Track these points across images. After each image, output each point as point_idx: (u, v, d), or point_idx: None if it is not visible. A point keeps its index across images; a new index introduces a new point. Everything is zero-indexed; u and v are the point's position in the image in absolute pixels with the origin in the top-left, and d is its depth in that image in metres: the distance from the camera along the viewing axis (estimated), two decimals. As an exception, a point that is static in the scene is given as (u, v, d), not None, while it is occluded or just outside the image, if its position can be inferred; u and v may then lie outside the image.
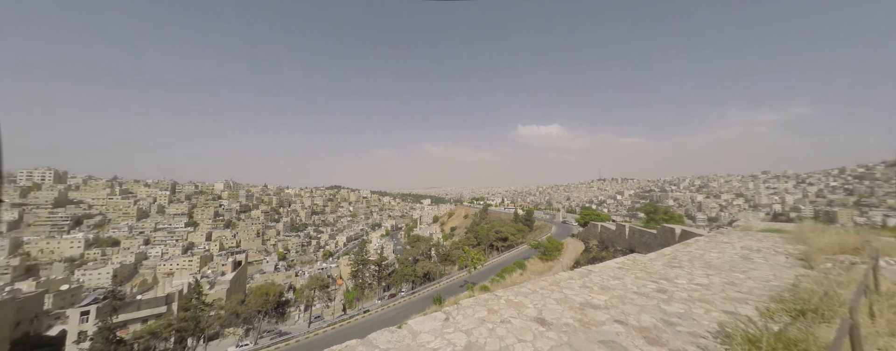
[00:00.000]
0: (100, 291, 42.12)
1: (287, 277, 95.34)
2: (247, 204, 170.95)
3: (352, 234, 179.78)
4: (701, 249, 7.23)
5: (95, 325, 29.97)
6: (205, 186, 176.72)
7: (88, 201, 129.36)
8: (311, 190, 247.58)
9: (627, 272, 5.43)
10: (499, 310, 3.78)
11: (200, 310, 32.54)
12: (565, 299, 4.12)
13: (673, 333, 3.10)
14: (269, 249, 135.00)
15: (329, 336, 30.04)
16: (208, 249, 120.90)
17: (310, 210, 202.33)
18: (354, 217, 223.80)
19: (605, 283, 4.84)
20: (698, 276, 5.07)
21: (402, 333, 3.20)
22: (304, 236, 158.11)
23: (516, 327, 3.30)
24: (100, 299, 35.13)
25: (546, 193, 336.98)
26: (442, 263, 55.11)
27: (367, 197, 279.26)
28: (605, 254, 23.51)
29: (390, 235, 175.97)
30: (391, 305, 37.51)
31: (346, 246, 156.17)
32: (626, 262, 6.25)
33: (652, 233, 16.91)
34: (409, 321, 3.50)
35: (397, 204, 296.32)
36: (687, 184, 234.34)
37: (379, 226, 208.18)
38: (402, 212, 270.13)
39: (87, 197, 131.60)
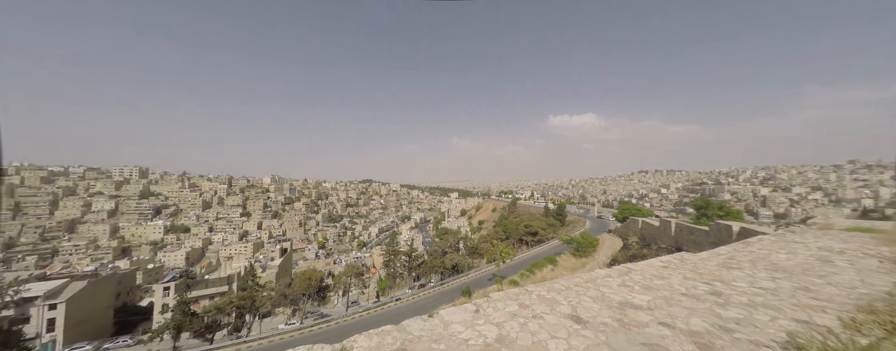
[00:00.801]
0: (176, 271, 49.34)
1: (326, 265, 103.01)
2: (290, 196, 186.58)
3: (383, 225, 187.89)
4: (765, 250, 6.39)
5: (174, 299, 35.30)
6: (255, 181, 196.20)
7: (165, 193, 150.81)
8: (345, 184, 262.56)
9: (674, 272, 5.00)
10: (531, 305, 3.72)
11: (255, 290, 36.65)
12: (602, 298, 3.93)
13: (730, 339, 2.80)
14: (310, 238, 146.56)
15: (365, 320, 32.08)
16: (260, 236, 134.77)
17: (345, 202, 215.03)
18: (385, 210, 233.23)
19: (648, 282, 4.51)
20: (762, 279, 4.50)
21: (433, 322, 3.29)
22: (340, 227, 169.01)
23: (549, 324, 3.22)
24: (177, 277, 41.24)
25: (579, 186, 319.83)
26: (470, 256, 55.48)
27: (397, 190, 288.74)
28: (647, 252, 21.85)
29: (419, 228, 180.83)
30: (421, 294, 38.82)
31: (378, 237, 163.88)
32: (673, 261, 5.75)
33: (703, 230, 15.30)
34: (441, 311, 3.58)
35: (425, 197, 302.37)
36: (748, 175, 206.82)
37: (408, 218, 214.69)
38: (431, 205, 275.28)
39: (164, 190, 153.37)
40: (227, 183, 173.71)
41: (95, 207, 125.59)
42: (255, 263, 55.48)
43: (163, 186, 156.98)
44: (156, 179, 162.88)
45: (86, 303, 36.26)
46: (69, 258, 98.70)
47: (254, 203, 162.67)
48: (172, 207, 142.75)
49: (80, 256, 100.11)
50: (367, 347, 2.78)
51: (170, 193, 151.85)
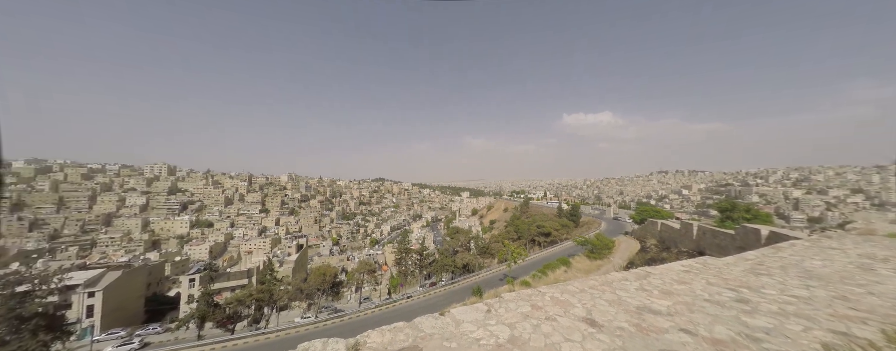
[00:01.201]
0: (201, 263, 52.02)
1: (340, 261, 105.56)
2: (306, 194, 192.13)
3: (395, 223, 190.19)
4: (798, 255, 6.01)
5: (199, 290, 37.22)
6: (273, 178, 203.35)
7: (191, 190, 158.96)
8: (358, 182, 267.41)
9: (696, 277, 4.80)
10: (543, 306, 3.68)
11: (273, 284, 38.09)
12: (619, 301, 3.83)
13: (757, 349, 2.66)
14: (324, 235, 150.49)
15: (377, 316, 32.66)
16: (277, 232, 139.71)
17: (358, 200, 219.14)
18: (397, 208, 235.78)
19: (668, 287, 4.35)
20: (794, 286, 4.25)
21: (445, 321, 3.32)
22: (353, 224, 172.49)
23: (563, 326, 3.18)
24: (201, 270, 43.45)
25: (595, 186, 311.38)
26: (481, 255, 55.27)
27: (409, 189, 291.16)
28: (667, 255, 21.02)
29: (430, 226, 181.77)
30: (432, 292, 39.07)
31: (390, 235, 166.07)
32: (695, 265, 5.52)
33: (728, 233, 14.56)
34: (452, 310, 3.61)
35: (437, 196, 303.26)
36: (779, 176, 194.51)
37: (419, 217, 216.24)
38: (442, 204, 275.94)
39: (190, 186, 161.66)
40: (248, 180, 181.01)
41: (129, 202, 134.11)
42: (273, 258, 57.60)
43: (189, 182, 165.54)
44: (183, 176, 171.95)
45: (120, 292, 38.88)
46: (106, 249, 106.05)
47: (272, 200, 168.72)
48: (197, 203, 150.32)
49: (116, 248, 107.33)
50: (380, 343, 2.84)
51: (195, 189, 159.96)
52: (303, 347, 2.75)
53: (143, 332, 35.30)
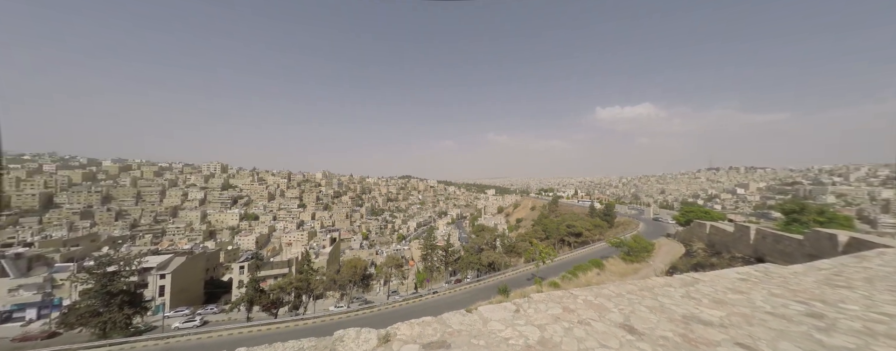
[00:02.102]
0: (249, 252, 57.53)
1: (369, 255, 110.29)
2: (338, 190, 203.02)
3: (421, 220, 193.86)
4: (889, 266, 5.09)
5: (247, 277, 41.21)
6: (309, 175, 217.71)
7: (240, 186, 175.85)
8: (386, 179, 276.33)
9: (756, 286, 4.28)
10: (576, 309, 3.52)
11: (310, 274, 40.94)
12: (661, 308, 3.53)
13: (835, 373, 2.30)
14: (355, 230, 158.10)
15: (404, 310, 33.69)
16: (313, 226, 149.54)
17: (386, 197, 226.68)
18: (423, 205, 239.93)
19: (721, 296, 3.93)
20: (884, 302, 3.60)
21: (473, 318, 3.31)
22: (381, 220, 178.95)
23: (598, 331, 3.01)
24: (249, 259, 48.06)
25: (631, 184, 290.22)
26: (507, 254, 54.37)
27: (434, 186, 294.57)
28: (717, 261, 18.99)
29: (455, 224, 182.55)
30: (457, 289, 39.32)
31: (416, 231, 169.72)
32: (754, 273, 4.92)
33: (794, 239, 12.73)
34: (480, 307, 3.59)
35: (462, 194, 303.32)
36: (863, 174, 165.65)
37: (445, 214, 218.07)
38: (467, 201, 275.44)
39: (239, 183, 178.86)
40: (287, 178, 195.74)
41: (190, 196, 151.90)
42: (309, 250, 61.85)
43: (238, 179, 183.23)
44: (233, 173, 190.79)
45: (185, 275, 44.38)
46: (173, 238, 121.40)
47: (308, 196, 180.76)
48: (245, 198, 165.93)
49: (180, 236, 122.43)
50: (409, 336, 2.91)
51: (243, 185, 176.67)
52: (338, 335, 2.91)
53: (203, 311, 40.00)
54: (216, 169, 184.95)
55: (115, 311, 27.49)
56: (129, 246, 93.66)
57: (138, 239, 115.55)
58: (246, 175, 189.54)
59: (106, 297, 27.42)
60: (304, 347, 2.74)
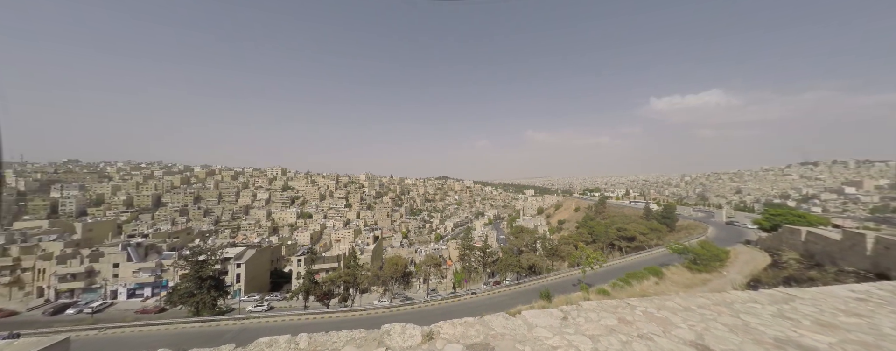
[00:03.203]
0: (305, 247, 63.96)
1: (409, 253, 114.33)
2: (380, 191, 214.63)
3: (458, 220, 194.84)
4: None
5: (304, 269, 45.82)
6: (354, 177, 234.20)
7: (297, 187, 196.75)
8: (423, 180, 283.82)
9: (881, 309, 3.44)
10: (634, 322, 3.21)
11: (356, 269, 43.98)
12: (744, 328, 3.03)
13: None
14: (395, 228, 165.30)
15: (443, 308, 34.18)
16: (358, 224, 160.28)
17: (423, 197, 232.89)
18: (459, 205, 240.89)
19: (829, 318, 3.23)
20: None
21: (516, 322, 3.22)
22: (420, 220, 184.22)
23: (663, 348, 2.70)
24: (305, 253, 53.40)
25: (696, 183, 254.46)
26: (549, 257, 51.78)
27: (470, 187, 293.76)
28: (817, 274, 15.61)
29: (493, 225, 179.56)
30: (496, 291, 38.63)
31: (454, 231, 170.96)
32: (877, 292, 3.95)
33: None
34: (524, 312, 3.47)
35: (499, 194, 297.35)
36: None
37: (482, 215, 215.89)
38: (504, 202, 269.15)
39: (296, 185, 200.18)
40: (335, 180, 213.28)
41: (258, 197, 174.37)
42: (355, 247, 66.39)
43: (295, 181, 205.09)
44: (291, 176, 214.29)
45: (255, 265, 51.06)
46: (246, 233, 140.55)
47: (353, 196, 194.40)
48: (301, 198, 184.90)
49: (251, 232, 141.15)
50: (452, 335, 2.94)
51: (299, 187, 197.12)
52: (385, 328, 3.07)
53: (269, 298, 45.55)
54: (278, 173, 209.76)
55: (205, 293, 32.77)
56: (213, 239, 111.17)
57: (220, 233, 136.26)
58: (301, 177, 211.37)
59: (198, 281, 32.87)
60: (356, 338, 2.93)
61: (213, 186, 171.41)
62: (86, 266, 45.51)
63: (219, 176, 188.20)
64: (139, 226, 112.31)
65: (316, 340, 2.87)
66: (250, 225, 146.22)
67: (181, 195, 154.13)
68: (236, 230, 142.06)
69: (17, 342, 2.94)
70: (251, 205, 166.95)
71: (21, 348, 2.86)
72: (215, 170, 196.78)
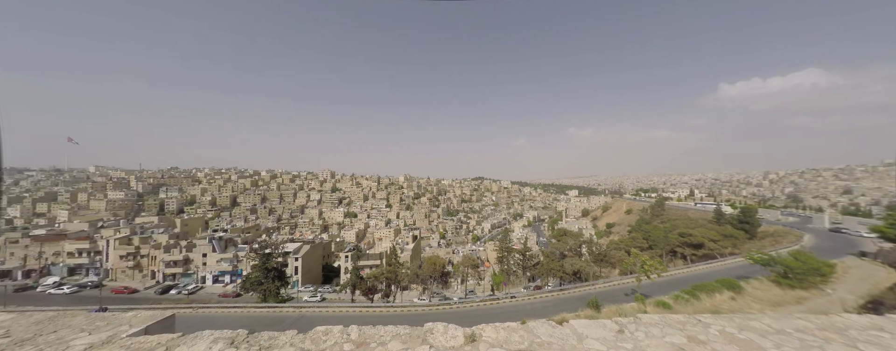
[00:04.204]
0: (351, 245, 68.81)
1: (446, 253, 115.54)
2: (418, 192, 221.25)
3: (495, 222, 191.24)
4: None
5: (350, 265, 49.36)
6: (394, 179, 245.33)
7: (343, 189, 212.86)
8: (459, 181, 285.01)
9: None
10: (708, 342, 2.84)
11: (397, 267, 45.98)
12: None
13: None
14: (433, 229, 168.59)
15: (482, 310, 33.87)
16: (398, 224, 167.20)
17: (459, 198, 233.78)
18: (497, 206, 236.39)
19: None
20: None
21: (564, 331, 3.06)
22: (456, 220, 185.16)
23: None
24: (351, 250, 57.45)
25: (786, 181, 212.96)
26: (596, 263, 47.97)
27: (508, 187, 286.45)
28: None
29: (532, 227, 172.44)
30: (537, 296, 37.02)
31: (491, 232, 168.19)
32: None
33: None
34: (572, 321, 3.30)
35: (538, 195, 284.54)
36: None
37: (520, 216, 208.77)
38: (545, 203, 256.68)
39: (342, 186, 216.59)
40: (377, 181, 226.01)
41: (311, 197, 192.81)
42: (396, 246, 69.40)
43: (342, 183, 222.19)
44: (339, 178, 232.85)
45: (310, 259, 56.50)
46: (301, 230, 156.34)
47: (393, 197, 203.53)
48: (347, 198, 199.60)
49: (305, 229, 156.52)
50: (495, 339, 2.90)
51: (345, 188, 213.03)
52: (428, 327, 3.16)
53: (322, 289, 49.98)
54: (327, 175, 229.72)
55: (270, 282, 37.28)
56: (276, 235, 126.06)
57: (281, 229, 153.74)
58: (347, 179, 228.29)
59: (265, 271, 37.54)
60: (401, 333, 3.06)
61: (275, 188, 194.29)
62: (183, 255, 55.17)
63: (280, 179, 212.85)
64: (220, 222, 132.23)
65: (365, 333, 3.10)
66: (305, 223, 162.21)
67: (251, 196, 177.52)
68: (294, 227, 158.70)
69: (142, 314, 3.69)
70: (306, 204, 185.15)
71: (143, 320, 3.56)
72: (277, 174, 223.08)
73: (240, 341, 2.88)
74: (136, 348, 2.81)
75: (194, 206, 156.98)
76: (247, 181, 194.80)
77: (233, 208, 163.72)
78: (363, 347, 2.80)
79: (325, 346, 2.82)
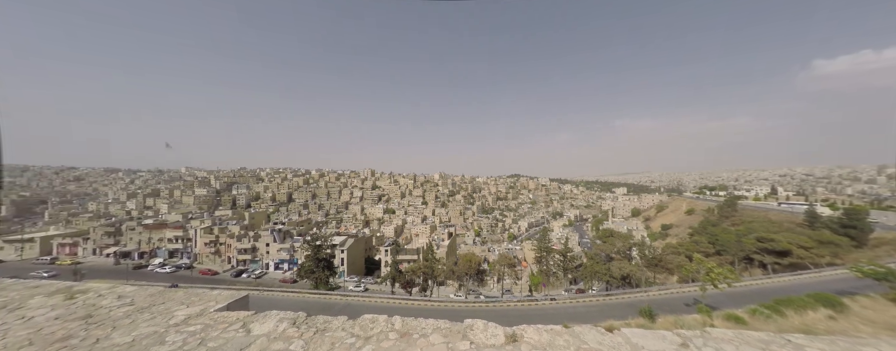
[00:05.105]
0: (390, 239, 72.26)
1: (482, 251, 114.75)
2: (452, 190, 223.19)
3: (533, 220, 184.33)
4: None
5: (390, 258, 51.87)
6: (429, 177, 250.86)
7: (382, 186, 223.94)
8: (495, 179, 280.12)
9: None
10: None
11: (434, 263, 47.11)
12: None
13: None
14: (468, 226, 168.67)
15: (519, 311, 33.08)
16: (433, 221, 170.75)
17: (495, 196, 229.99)
18: (534, 204, 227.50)
19: None
20: None
21: (616, 340, 2.86)
22: (491, 218, 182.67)
23: None
24: (390, 244, 60.30)
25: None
26: (649, 267, 43.52)
27: (547, 185, 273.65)
28: None
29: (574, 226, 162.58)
30: (579, 300, 34.96)
31: (528, 231, 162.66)
32: None
33: None
34: (624, 330, 3.06)
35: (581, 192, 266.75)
36: None
37: (560, 215, 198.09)
38: (587, 201, 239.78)
39: (382, 184, 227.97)
40: (413, 179, 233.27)
41: (354, 195, 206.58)
42: (432, 242, 70.97)
43: (381, 181, 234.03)
44: (378, 176, 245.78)
45: (354, 252, 60.71)
46: (346, 224, 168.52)
47: (429, 194, 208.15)
48: (386, 195, 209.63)
49: (349, 224, 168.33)
50: (538, 342, 2.83)
51: (384, 186, 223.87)
52: (468, 323, 3.19)
53: (365, 280, 53.43)
54: (368, 174, 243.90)
55: (321, 271, 40.93)
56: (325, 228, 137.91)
57: (329, 224, 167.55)
58: (386, 177, 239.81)
59: (316, 261, 41.33)
60: (442, 327, 3.14)
61: (323, 186, 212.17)
62: (251, 244, 63.41)
63: (327, 177, 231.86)
64: (279, 216, 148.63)
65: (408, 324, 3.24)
66: (349, 218, 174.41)
67: (303, 193, 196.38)
68: (340, 222, 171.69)
69: (224, 293, 4.30)
70: (349, 201, 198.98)
71: (225, 298, 4.14)
72: (325, 172, 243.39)
73: (300, 322, 3.23)
74: (220, 320, 3.33)
75: (258, 201, 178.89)
76: (300, 179, 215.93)
77: (288, 204, 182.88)
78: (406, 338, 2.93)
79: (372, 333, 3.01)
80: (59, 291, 4.31)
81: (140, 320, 3.39)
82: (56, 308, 3.71)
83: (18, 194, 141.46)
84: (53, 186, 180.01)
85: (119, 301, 3.94)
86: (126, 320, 3.38)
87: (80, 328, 3.20)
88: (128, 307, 3.75)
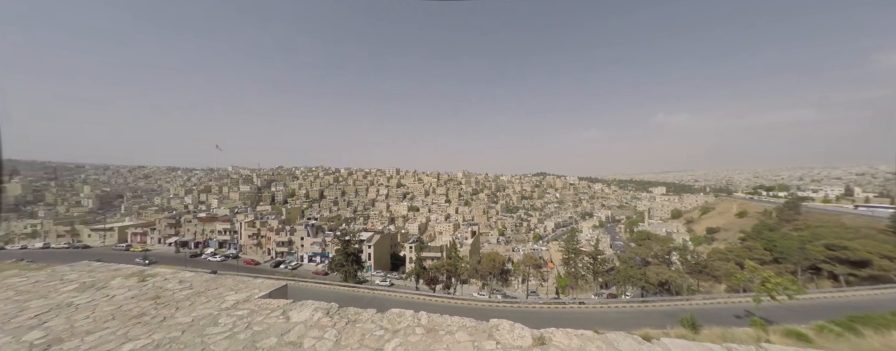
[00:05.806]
0: (415, 236, 73.71)
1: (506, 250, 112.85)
2: (476, 188, 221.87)
3: (560, 220, 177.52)
4: None
5: (414, 255, 52.97)
6: (452, 175, 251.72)
7: (407, 184, 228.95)
8: (519, 177, 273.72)
9: None
10: None
11: (457, 260, 47.30)
12: None
13: None
14: (491, 225, 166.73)
15: (545, 313, 32.15)
16: (457, 219, 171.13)
17: (519, 195, 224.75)
18: (561, 204, 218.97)
19: None
20: None
21: (653, 350, 2.68)
22: (516, 218, 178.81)
23: None
24: (415, 241, 61.53)
25: None
26: (692, 274, 39.98)
27: (575, 184, 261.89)
28: None
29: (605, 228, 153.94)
30: (611, 306, 33.11)
31: (554, 232, 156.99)
32: None
33: None
34: (663, 339, 2.85)
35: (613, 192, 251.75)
36: None
37: (590, 215, 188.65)
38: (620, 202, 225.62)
39: (406, 182, 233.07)
40: (436, 177, 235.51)
41: (380, 192, 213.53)
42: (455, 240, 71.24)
43: (405, 179, 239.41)
44: (403, 175, 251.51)
45: (380, 247, 62.84)
46: (372, 221, 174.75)
47: (452, 192, 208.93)
48: (410, 193, 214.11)
49: (375, 221, 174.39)
50: (567, 346, 2.72)
51: (409, 184, 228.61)
52: (494, 323, 3.15)
53: (391, 276, 55.12)
54: (393, 172, 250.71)
55: (350, 265, 42.93)
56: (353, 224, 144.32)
57: (357, 220, 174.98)
58: (410, 176, 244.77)
59: (345, 255, 43.41)
60: (468, 326, 3.14)
61: (351, 184, 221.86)
62: (288, 237, 68.24)
63: (355, 175, 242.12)
64: (312, 212, 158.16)
65: (434, 320, 3.29)
66: (375, 215, 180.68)
67: (333, 190, 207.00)
68: (367, 218, 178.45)
69: (267, 282, 4.68)
70: (375, 198, 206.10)
71: (268, 286, 4.50)
72: (353, 171, 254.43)
73: (333, 312, 3.42)
74: (263, 307, 3.65)
75: (294, 198, 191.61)
76: (330, 178, 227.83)
77: (320, 200, 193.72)
78: (432, 333, 2.97)
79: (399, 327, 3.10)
80: (134, 274, 5.00)
81: (198, 303, 3.81)
82: (132, 289, 4.31)
83: (101, 189, 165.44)
84: (127, 182, 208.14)
85: (180, 285, 4.47)
86: (186, 303, 3.83)
87: (151, 307, 3.69)
88: (188, 291, 4.23)
